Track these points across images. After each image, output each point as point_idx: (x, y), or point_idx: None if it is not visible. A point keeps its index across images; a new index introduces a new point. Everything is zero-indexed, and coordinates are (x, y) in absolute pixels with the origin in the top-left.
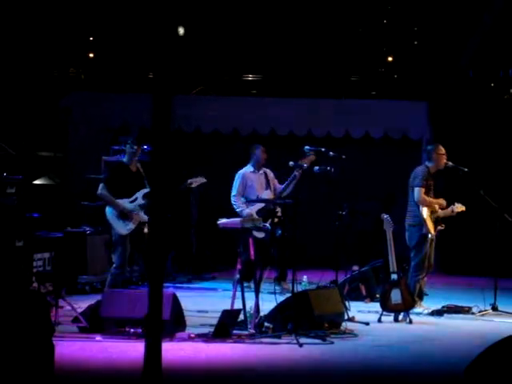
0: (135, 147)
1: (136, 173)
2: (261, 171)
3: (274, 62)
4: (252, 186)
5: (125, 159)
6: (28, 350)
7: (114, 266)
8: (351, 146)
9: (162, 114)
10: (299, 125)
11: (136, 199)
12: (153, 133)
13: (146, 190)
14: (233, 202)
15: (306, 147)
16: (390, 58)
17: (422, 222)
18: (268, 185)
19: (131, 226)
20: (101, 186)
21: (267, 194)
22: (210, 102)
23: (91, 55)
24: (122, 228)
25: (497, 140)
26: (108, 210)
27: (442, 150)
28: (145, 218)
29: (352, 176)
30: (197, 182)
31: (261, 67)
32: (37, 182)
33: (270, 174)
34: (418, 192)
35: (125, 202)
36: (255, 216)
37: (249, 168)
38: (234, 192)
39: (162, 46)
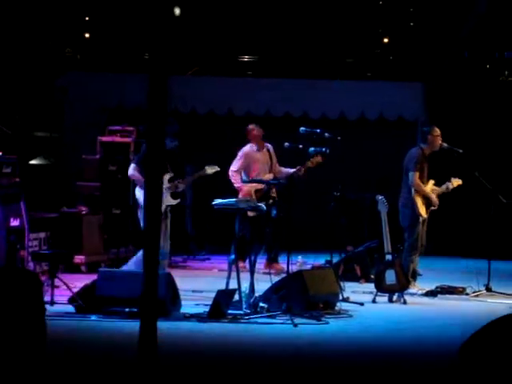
0: (175, 142)
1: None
2: (264, 149)
3: (270, 43)
4: (256, 165)
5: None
6: (19, 328)
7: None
8: (346, 127)
9: (157, 95)
10: (295, 106)
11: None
12: (148, 113)
13: (170, 175)
14: (231, 176)
15: (302, 128)
16: (385, 40)
17: (413, 204)
18: (271, 164)
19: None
20: (132, 166)
21: (269, 178)
22: (205, 83)
23: (87, 35)
24: None
25: (492, 122)
26: (138, 191)
27: (437, 132)
28: (171, 201)
29: (347, 157)
30: (212, 169)
31: (257, 48)
32: (33, 162)
33: (272, 151)
34: (412, 176)
35: None
36: (253, 194)
37: (252, 147)
38: (233, 167)
39: (157, 27)
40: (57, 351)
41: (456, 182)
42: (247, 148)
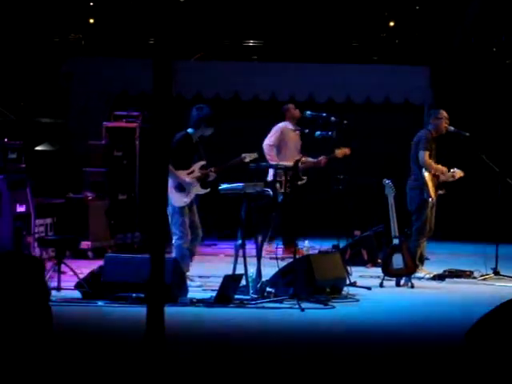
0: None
1: (195, 144)
2: (297, 130)
3: (275, 28)
4: (289, 143)
5: (190, 130)
6: (23, 312)
7: (176, 237)
8: (352, 111)
9: (162, 80)
10: (300, 90)
11: (193, 172)
12: (153, 98)
13: (202, 163)
14: (266, 152)
15: (308, 112)
16: (391, 23)
17: (424, 185)
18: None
19: (187, 199)
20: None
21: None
22: (210, 68)
23: (92, 21)
24: (179, 200)
25: (498, 105)
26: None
27: (444, 115)
28: (200, 190)
29: (353, 141)
30: (251, 156)
31: (262, 32)
32: (38, 148)
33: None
34: (423, 156)
35: (183, 175)
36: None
37: (288, 124)
38: (269, 142)
39: (162, 11)
40: (63, 337)
41: (459, 173)
42: (282, 124)
